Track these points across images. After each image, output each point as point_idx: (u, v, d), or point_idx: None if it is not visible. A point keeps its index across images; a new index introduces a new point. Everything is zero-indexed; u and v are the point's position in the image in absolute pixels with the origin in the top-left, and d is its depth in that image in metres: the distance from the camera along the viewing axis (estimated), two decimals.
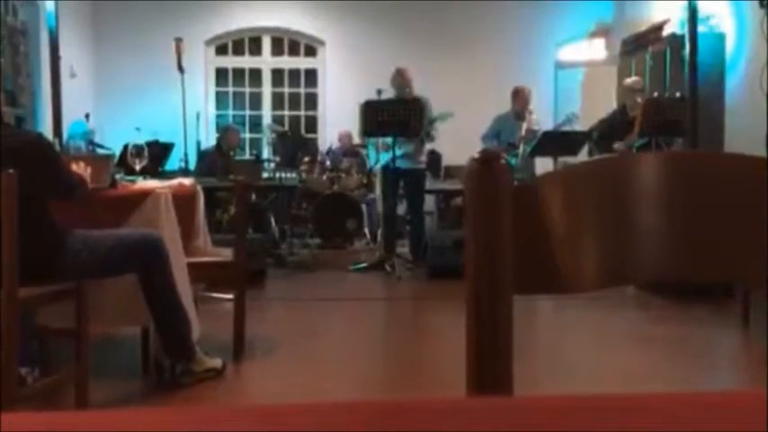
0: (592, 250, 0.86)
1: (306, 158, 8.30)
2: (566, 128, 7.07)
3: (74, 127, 6.83)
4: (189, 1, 9.55)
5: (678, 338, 4.41)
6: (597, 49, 9.84)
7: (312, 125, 10.33)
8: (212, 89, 10.26)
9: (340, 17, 9.85)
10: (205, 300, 4.34)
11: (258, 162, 8.12)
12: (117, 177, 3.58)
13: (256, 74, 10.33)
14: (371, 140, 7.36)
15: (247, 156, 9.26)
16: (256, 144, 10.05)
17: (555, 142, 6.81)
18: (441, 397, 0.49)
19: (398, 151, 6.66)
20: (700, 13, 6.08)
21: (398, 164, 6.69)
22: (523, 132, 7.23)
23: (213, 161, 7.38)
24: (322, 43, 10.13)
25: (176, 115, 7.28)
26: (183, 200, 3.69)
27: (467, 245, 0.81)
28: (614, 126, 6.65)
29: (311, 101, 10.36)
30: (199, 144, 8.14)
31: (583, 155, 6.97)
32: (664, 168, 0.87)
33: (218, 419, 0.46)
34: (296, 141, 9.08)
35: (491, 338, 0.80)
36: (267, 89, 10.36)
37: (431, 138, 6.90)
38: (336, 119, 9.64)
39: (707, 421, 0.46)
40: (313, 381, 3.55)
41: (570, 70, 9.83)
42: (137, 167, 3.88)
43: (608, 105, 7.66)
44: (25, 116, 7.68)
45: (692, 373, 3.77)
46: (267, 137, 9.38)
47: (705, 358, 4.16)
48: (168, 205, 3.38)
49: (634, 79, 7.01)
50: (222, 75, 10.31)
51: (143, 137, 6.07)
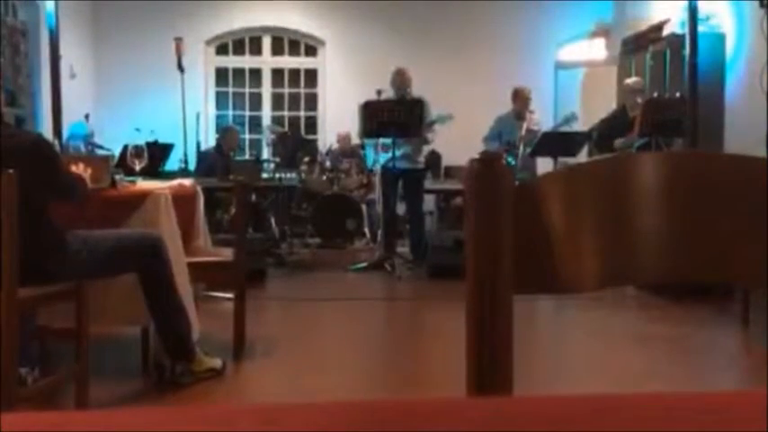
0: (592, 250, 0.86)
1: (306, 159, 8.30)
2: (566, 128, 7.06)
3: (73, 128, 6.84)
4: (189, 1, 9.55)
5: (678, 338, 4.41)
6: (597, 49, 9.84)
7: (312, 125, 10.33)
8: (212, 89, 10.25)
9: (340, 17, 9.85)
10: (205, 300, 4.34)
11: (258, 162, 8.13)
12: (117, 178, 3.58)
13: (256, 74, 10.33)
14: (369, 141, 7.36)
15: (247, 156, 9.26)
16: (256, 144, 10.05)
17: (555, 142, 6.81)
18: (441, 397, 0.49)
19: (398, 152, 6.66)
20: (700, 13, 6.07)
21: (398, 164, 6.69)
22: (524, 132, 7.23)
23: (213, 161, 7.38)
24: (322, 43, 10.13)
25: (176, 115, 7.28)
26: (183, 200, 3.69)
27: (467, 245, 0.81)
28: (614, 126, 6.64)
29: (311, 101, 10.36)
30: (199, 144, 8.13)
31: (583, 155, 6.97)
32: (664, 168, 0.87)
33: (218, 419, 0.46)
34: (296, 142, 9.08)
35: (491, 338, 0.80)
36: (267, 89, 10.36)
37: (427, 140, 6.89)
38: (336, 119, 9.64)
39: (707, 421, 0.46)
40: (313, 380, 3.55)
41: (570, 70, 9.83)
42: (136, 168, 3.88)
43: (608, 105, 7.65)
44: (25, 116, 7.69)
45: (692, 373, 3.77)
46: (267, 137, 9.37)
47: (705, 358, 4.16)
48: (168, 205, 3.38)
49: (635, 80, 7.00)
50: (222, 75, 10.30)
51: (143, 137, 6.08)
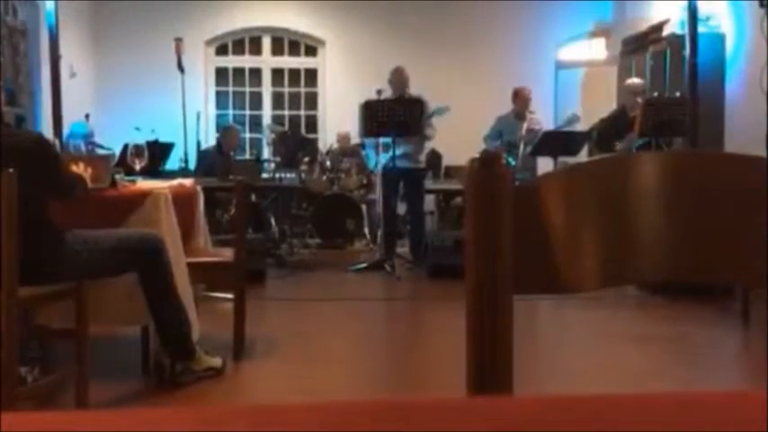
0: (592, 250, 0.86)
1: (306, 158, 8.30)
2: (567, 128, 7.07)
3: (74, 128, 6.83)
4: (189, 1, 9.55)
5: (678, 338, 4.41)
6: (597, 49, 9.85)
7: (312, 125, 10.32)
8: (212, 89, 10.25)
9: (340, 17, 9.85)
10: (205, 300, 4.34)
11: (258, 162, 8.12)
12: (117, 177, 3.58)
13: (256, 74, 10.33)
14: (370, 141, 7.35)
15: (247, 156, 9.26)
16: (256, 144, 10.05)
17: (555, 142, 6.81)
18: (441, 397, 0.49)
19: (398, 151, 6.66)
20: (700, 14, 6.08)
21: (398, 164, 6.69)
22: (524, 132, 7.23)
23: (213, 161, 7.38)
24: (322, 43, 10.13)
25: (176, 115, 7.29)
26: (183, 200, 3.69)
27: (467, 245, 0.81)
28: (614, 126, 6.64)
29: (311, 101, 10.36)
30: (199, 144, 8.13)
31: (583, 155, 6.96)
32: (664, 168, 0.87)
33: (218, 419, 0.46)
34: (296, 141, 9.07)
35: (491, 338, 0.80)
36: (267, 89, 10.36)
37: (428, 136, 6.88)
38: (336, 119, 9.64)
39: (707, 421, 0.46)
40: (313, 380, 3.55)
41: (570, 70, 9.83)
42: (137, 167, 3.88)
43: (608, 105, 7.65)
44: (25, 116, 7.68)
45: (692, 373, 3.77)
46: (267, 137, 9.37)
47: (705, 358, 4.16)
48: (168, 205, 3.38)
49: (635, 81, 6.99)
50: (222, 75, 10.30)
51: (143, 137, 6.06)
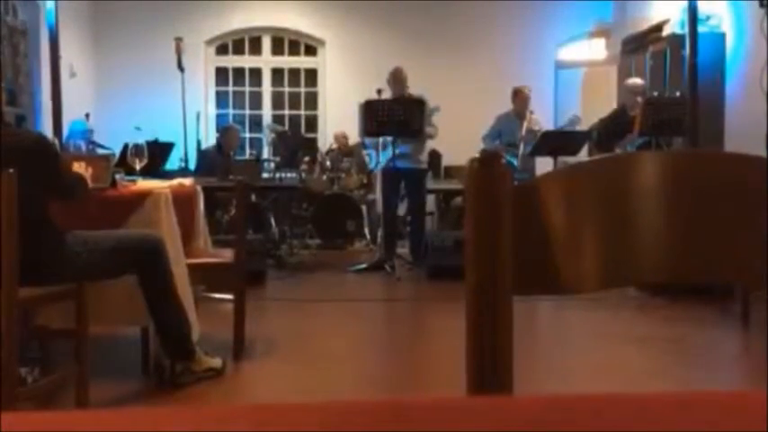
0: (592, 251, 0.86)
1: (306, 158, 8.30)
2: (568, 129, 7.07)
3: (73, 125, 6.83)
4: (189, 1, 9.55)
5: (678, 338, 4.41)
6: (597, 49, 9.85)
7: (312, 125, 10.33)
8: (212, 89, 10.25)
9: (340, 17, 9.85)
10: (205, 300, 4.34)
11: (258, 162, 8.12)
12: (117, 177, 3.58)
13: (256, 73, 10.33)
14: (371, 142, 7.35)
15: (247, 156, 9.26)
16: (256, 144, 10.05)
17: (555, 142, 6.81)
18: (441, 397, 0.49)
19: (399, 151, 6.65)
20: (700, 13, 6.08)
21: (400, 164, 6.68)
22: (524, 132, 7.23)
23: (213, 161, 7.38)
24: (322, 43, 10.13)
25: (176, 115, 7.29)
26: (183, 200, 3.69)
27: (467, 245, 0.81)
28: (614, 126, 6.64)
29: (311, 100, 10.36)
30: (199, 144, 8.13)
31: (583, 155, 6.97)
32: (664, 168, 0.87)
33: (218, 419, 0.46)
34: (296, 141, 9.07)
35: (491, 338, 0.80)
36: (267, 89, 10.36)
37: (427, 136, 6.86)
38: (336, 119, 9.64)
39: (707, 421, 0.46)
40: (313, 381, 3.55)
41: (570, 70, 9.83)
42: (137, 167, 3.88)
43: (608, 105, 7.65)
44: (25, 116, 7.68)
45: (692, 373, 3.76)
46: (267, 137, 9.37)
47: (705, 358, 4.16)
48: (168, 205, 3.38)
49: (636, 81, 6.98)
50: (222, 74, 10.30)
51: (143, 136, 6.06)
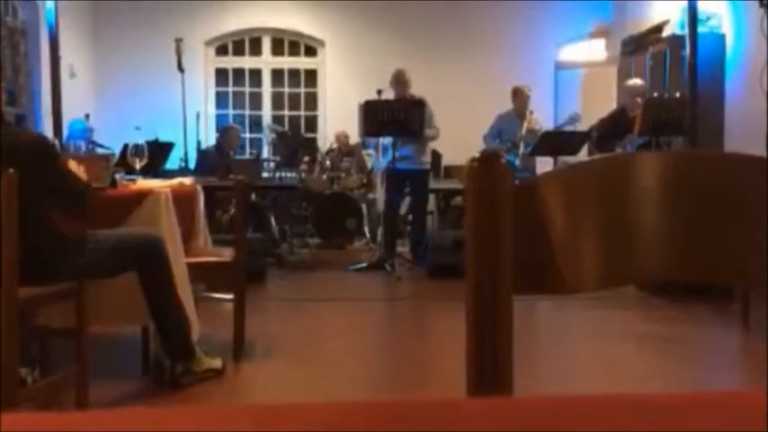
0: (592, 250, 0.86)
1: (306, 158, 8.30)
2: (568, 128, 7.08)
3: (73, 125, 6.83)
4: (189, 1, 9.56)
5: (678, 338, 4.41)
6: (597, 50, 9.85)
7: (312, 125, 10.33)
8: (212, 89, 10.25)
9: (340, 17, 9.85)
10: (205, 300, 4.34)
11: (258, 162, 8.12)
12: (117, 177, 3.58)
13: (256, 74, 10.33)
14: (372, 142, 7.35)
15: (247, 155, 9.26)
16: (256, 144, 10.05)
17: (555, 142, 6.82)
18: (441, 397, 0.49)
19: (402, 152, 6.65)
20: (700, 14, 6.08)
21: (404, 166, 6.68)
22: (524, 132, 7.23)
23: (213, 160, 7.38)
24: (322, 43, 10.13)
25: (176, 115, 7.30)
26: (183, 199, 3.69)
27: (467, 245, 0.81)
28: (614, 126, 6.64)
29: (311, 101, 10.36)
30: (199, 144, 8.13)
31: (583, 155, 6.97)
32: (664, 168, 0.87)
33: (218, 419, 0.46)
34: (296, 141, 9.07)
35: (491, 338, 0.80)
36: (267, 89, 10.36)
37: (429, 136, 6.85)
38: (336, 119, 9.64)
39: (707, 421, 0.46)
40: (313, 381, 3.55)
41: (570, 70, 9.84)
42: (137, 167, 3.88)
43: (608, 106, 7.65)
44: (25, 116, 7.69)
45: (692, 373, 3.77)
46: (267, 137, 9.37)
47: (705, 358, 4.16)
48: (168, 205, 3.38)
49: (637, 82, 6.98)
50: (222, 75, 10.30)
51: (143, 136, 6.06)
